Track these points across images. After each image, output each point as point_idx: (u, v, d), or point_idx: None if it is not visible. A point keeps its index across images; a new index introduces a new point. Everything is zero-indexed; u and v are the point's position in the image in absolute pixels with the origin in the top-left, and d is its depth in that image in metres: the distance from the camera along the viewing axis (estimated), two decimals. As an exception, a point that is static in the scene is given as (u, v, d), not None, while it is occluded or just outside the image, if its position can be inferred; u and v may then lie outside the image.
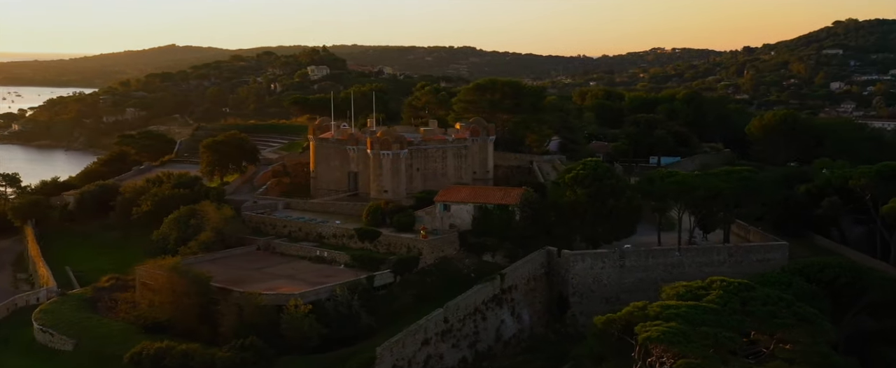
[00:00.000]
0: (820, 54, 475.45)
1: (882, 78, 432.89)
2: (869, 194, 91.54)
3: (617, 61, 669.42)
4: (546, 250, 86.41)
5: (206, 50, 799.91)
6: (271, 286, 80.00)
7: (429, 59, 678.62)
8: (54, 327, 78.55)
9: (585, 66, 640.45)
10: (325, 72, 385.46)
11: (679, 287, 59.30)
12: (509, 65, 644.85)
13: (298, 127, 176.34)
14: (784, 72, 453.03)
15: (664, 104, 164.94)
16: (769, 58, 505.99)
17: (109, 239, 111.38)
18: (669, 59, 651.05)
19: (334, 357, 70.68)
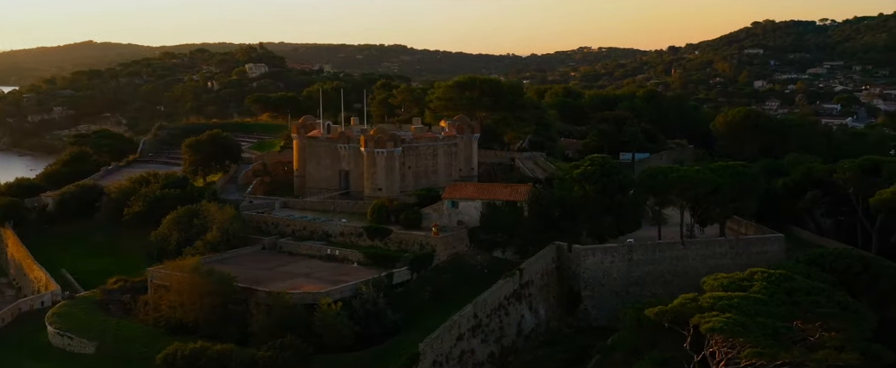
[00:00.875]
0: (742, 54, 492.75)
1: (801, 77, 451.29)
2: (852, 187, 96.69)
3: (546, 60, 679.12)
4: (556, 245, 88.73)
5: (127, 46, 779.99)
6: (292, 285, 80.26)
7: (359, 56, 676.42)
8: (72, 330, 77.43)
9: (516, 65, 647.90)
10: (263, 70, 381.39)
11: (722, 278, 62.08)
12: (441, 64, 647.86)
13: (265, 125, 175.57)
14: (709, 70, 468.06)
15: (625, 102, 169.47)
16: (694, 57, 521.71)
17: (97, 240, 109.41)
18: (596, 57, 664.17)
19: (369, 355, 71.53)
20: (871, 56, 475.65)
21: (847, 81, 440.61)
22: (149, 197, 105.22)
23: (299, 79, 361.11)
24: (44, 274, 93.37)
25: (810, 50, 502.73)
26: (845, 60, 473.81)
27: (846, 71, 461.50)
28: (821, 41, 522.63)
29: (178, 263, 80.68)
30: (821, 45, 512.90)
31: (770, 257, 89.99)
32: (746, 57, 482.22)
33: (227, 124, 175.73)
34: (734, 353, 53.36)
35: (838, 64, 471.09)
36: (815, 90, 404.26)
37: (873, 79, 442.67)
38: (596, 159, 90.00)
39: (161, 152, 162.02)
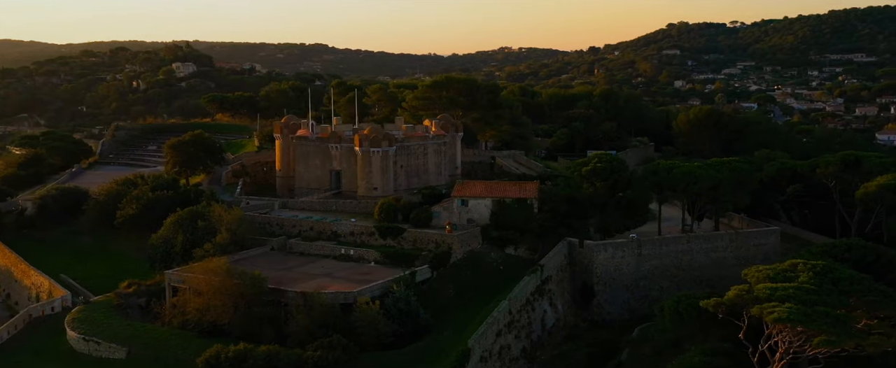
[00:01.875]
0: (661, 54, 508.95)
1: (717, 77, 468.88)
2: (833, 181, 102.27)
3: (467, 60, 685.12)
4: (567, 241, 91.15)
5: (29, 44, 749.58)
6: (318, 285, 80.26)
7: (280, 56, 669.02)
8: (98, 335, 75.76)
9: (438, 64, 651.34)
10: (191, 69, 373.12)
11: (765, 270, 65.19)
12: (363, 63, 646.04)
13: (227, 126, 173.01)
14: (631, 70, 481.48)
15: (583, 100, 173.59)
16: (614, 57, 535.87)
17: (84, 244, 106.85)
18: (518, 57, 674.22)
19: (411, 352, 72.15)
20: (780, 57, 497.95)
21: (760, 81, 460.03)
22: (141, 200, 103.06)
23: (230, 78, 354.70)
24: (46, 280, 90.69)
25: (723, 51, 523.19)
26: (756, 61, 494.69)
27: (758, 71, 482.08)
28: (732, 42, 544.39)
29: (203, 265, 79.64)
30: (733, 46, 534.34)
31: (767, 249, 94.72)
32: (665, 57, 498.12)
33: (187, 125, 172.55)
34: (798, 342, 56.10)
35: (750, 64, 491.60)
36: (733, 89, 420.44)
37: (783, 79, 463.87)
38: (603, 156, 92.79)
39: (122, 153, 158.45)
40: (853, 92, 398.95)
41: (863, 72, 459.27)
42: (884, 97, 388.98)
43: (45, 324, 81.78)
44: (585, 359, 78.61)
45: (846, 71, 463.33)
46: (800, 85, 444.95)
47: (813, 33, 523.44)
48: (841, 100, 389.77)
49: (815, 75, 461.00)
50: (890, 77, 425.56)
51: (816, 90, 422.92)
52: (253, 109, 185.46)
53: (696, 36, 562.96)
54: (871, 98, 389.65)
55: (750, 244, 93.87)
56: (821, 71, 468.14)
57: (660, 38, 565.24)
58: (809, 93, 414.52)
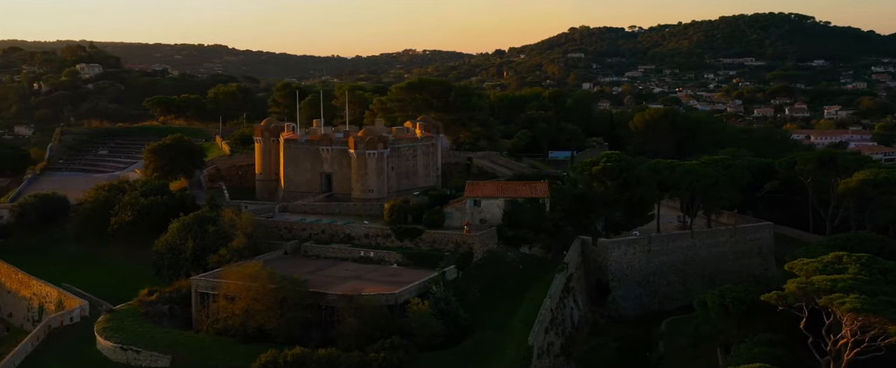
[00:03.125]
0: (566, 57, 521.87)
1: (621, 79, 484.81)
2: (810, 177, 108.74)
3: (371, 61, 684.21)
4: (581, 240, 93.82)
5: None
6: (352, 287, 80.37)
7: (178, 57, 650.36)
8: (136, 344, 73.88)
9: (341, 66, 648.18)
10: (97, 70, 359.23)
11: (811, 262, 68.93)
12: (266, 65, 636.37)
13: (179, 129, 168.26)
14: (540, 73, 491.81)
15: (533, 102, 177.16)
16: (521, 60, 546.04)
17: (71, 252, 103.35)
18: (422, 59, 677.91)
19: (464, 352, 73.06)
20: (677, 60, 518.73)
21: (662, 84, 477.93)
22: (135, 206, 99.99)
23: (142, 80, 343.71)
24: (54, 290, 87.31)
25: (625, 54, 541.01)
26: (656, 64, 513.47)
27: (659, 74, 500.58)
28: (633, 46, 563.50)
29: (239, 270, 78.36)
30: (633, 50, 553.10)
31: (762, 243, 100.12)
32: (571, 60, 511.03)
33: (134, 128, 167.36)
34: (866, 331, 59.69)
35: (651, 67, 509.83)
36: (639, 91, 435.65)
37: (683, 81, 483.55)
38: (612, 156, 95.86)
39: (72, 158, 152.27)
40: (750, 94, 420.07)
41: (754, 74, 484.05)
42: (777, 98, 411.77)
43: (67, 334, 79.04)
44: (617, 354, 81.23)
45: (739, 74, 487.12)
46: (698, 87, 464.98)
47: (706, 38, 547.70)
48: (740, 101, 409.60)
49: (712, 78, 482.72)
50: (779, 80, 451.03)
51: (715, 92, 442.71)
52: (200, 112, 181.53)
53: (598, 40, 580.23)
54: (766, 99, 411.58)
55: (746, 239, 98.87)
56: (716, 74, 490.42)
57: (563, 42, 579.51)
58: (709, 95, 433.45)
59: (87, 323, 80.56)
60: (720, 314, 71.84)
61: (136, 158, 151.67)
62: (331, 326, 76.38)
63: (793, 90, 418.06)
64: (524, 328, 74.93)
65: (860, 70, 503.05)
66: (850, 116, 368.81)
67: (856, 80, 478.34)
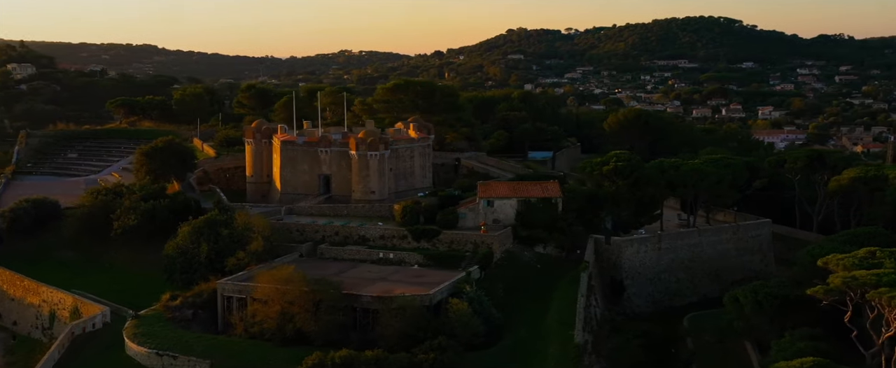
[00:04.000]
0: (506, 59, 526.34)
1: (561, 80, 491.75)
2: (798, 175, 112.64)
3: (306, 62, 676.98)
4: (594, 238, 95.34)
5: None
6: (382, 288, 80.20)
7: (106, 56, 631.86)
8: (171, 349, 72.26)
9: (279, 67, 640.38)
10: (30, 70, 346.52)
11: (845, 258, 71.28)
12: (198, 65, 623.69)
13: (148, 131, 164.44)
14: (481, 74, 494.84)
15: (504, 103, 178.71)
16: (461, 61, 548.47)
17: (69, 258, 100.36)
18: (359, 60, 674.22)
19: (504, 351, 73.52)
20: (614, 62, 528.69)
21: (601, 85, 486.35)
22: (138, 210, 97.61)
23: (80, 81, 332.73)
24: (69, 296, 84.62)
25: (563, 56, 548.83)
26: (594, 66, 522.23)
27: (597, 76, 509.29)
28: (570, 48, 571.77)
29: (271, 274, 77.34)
30: (571, 52, 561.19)
31: (762, 241, 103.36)
32: (511, 62, 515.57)
33: (102, 131, 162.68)
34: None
35: (589, 69, 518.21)
36: (580, 93, 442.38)
37: (621, 83, 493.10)
38: (623, 155, 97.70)
39: (41, 162, 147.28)
40: (687, 95, 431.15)
41: (688, 76, 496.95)
42: (713, 99, 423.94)
43: (91, 341, 76.94)
44: (643, 350, 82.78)
45: (674, 75, 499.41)
46: (636, 88, 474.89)
47: (641, 40, 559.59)
48: (678, 102, 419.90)
49: (649, 79, 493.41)
50: (712, 81, 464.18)
51: (653, 93, 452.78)
52: (166, 114, 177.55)
53: (536, 42, 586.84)
54: (702, 100, 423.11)
55: (748, 236, 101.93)
56: (652, 75, 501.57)
57: (501, 44, 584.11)
58: (648, 96, 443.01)
59: (110, 330, 78.61)
60: (754, 309, 73.90)
61: (108, 161, 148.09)
62: (366, 328, 76.15)
63: (727, 91, 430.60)
64: (562, 327, 75.86)
65: (787, 72, 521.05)
66: (783, 116, 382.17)
67: (783, 82, 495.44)
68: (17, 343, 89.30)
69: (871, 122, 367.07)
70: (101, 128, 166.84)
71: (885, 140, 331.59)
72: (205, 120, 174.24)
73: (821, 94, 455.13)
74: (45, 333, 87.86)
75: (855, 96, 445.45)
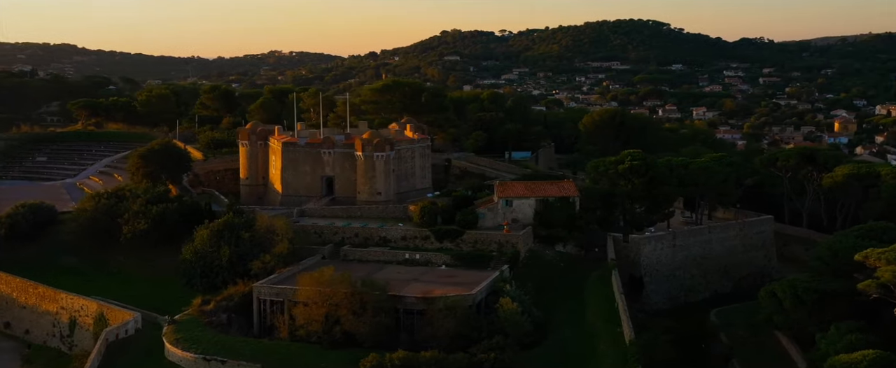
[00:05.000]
0: (443, 60, 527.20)
1: (498, 82, 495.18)
2: (789, 173, 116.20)
3: (235, 63, 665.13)
4: (611, 236, 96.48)
5: None
6: (421, 289, 79.76)
7: (21, 56, 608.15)
8: (219, 353, 70.57)
9: (209, 68, 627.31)
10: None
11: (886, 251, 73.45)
12: (121, 65, 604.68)
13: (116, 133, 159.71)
14: (418, 75, 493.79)
15: (474, 103, 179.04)
16: (396, 62, 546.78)
17: (73, 264, 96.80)
18: (290, 61, 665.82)
19: (555, 349, 73.92)
20: (549, 64, 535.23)
21: (538, 86, 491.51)
22: (148, 214, 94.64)
23: (10, 81, 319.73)
24: (93, 303, 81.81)
25: (499, 58, 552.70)
26: (530, 67, 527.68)
27: (533, 77, 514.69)
28: (505, 50, 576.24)
29: (313, 276, 75.90)
30: (506, 53, 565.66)
31: (765, 237, 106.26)
32: (448, 63, 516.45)
33: (70, 133, 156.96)
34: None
35: (525, 70, 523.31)
36: (518, 94, 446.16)
37: (557, 84, 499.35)
38: (637, 154, 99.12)
39: (9, 166, 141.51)
40: (623, 96, 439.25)
41: (622, 77, 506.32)
42: (649, 100, 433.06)
43: (125, 348, 74.54)
44: (671, 346, 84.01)
45: (608, 77, 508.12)
46: (573, 89, 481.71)
47: (574, 42, 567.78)
48: (614, 103, 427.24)
49: (584, 80, 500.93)
50: (645, 83, 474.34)
51: (589, 94, 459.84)
52: (130, 116, 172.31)
53: (471, 43, 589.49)
54: (638, 101, 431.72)
55: (753, 232, 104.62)
56: (587, 76, 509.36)
57: (436, 45, 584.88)
58: (585, 97, 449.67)
59: (142, 336, 76.21)
60: (793, 304, 75.83)
61: (82, 164, 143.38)
62: (410, 329, 75.70)
63: (662, 92, 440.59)
64: (608, 325, 76.73)
65: (714, 74, 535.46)
66: (717, 117, 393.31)
67: (712, 83, 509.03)
68: (32, 353, 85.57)
69: (800, 122, 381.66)
70: (68, 130, 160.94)
71: (814, 139, 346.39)
72: (171, 122, 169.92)
73: (748, 95, 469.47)
74: (64, 341, 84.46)
75: (780, 97, 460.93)
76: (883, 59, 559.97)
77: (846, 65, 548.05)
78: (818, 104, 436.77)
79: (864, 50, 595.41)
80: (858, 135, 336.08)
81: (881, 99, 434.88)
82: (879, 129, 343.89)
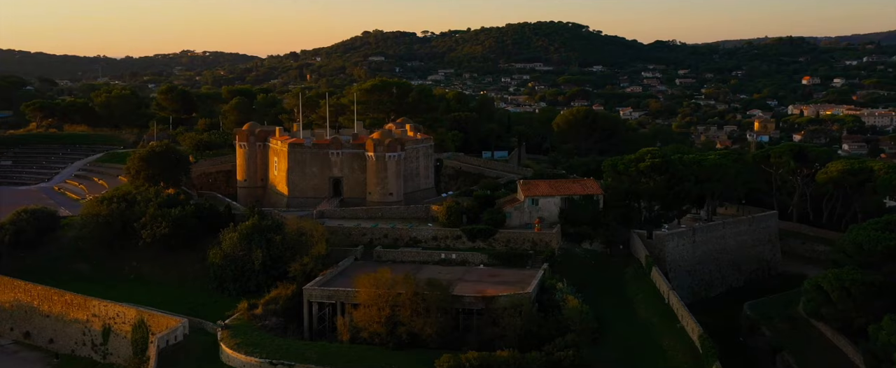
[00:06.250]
0: (368, 60, 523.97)
1: (425, 82, 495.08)
2: (781, 169, 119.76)
3: (145, 63, 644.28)
4: (635, 233, 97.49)
5: None
6: (474, 289, 79.05)
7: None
8: (285, 358, 68.74)
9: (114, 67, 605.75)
10: None
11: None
12: (22, 65, 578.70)
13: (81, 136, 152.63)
14: (344, 76, 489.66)
15: (441, 103, 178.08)
16: (319, 63, 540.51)
17: (85, 271, 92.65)
18: (204, 61, 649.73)
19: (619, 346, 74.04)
20: (474, 64, 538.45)
21: (465, 87, 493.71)
22: (168, 218, 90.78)
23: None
24: (131, 309, 78.12)
25: (423, 58, 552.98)
26: (455, 68, 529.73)
27: (459, 78, 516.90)
28: (429, 51, 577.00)
29: (373, 277, 74.33)
30: (431, 54, 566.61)
31: (770, 230, 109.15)
32: (374, 64, 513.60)
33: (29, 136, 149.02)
34: None
35: (451, 71, 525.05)
36: (485, 95, 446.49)
37: (484, 85, 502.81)
38: (657, 152, 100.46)
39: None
40: (551, 97, 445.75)
41: (546, 78, 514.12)
42: (576, 101, 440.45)
43: (177, 355, 71.68)
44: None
45: (533, 78, 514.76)
46: (499, 89, 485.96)
47: (497, 44, 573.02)
48: (543, 103, 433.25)
49: (510, 81, 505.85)
50: (570, 84, 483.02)
51: (517, 95, 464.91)
52: (89, 117, 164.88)
53: (394, 44, 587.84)
54: (566, 101, 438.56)
55: (759, 227, 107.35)
56: (512, 77, 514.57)
57: (359, 45, 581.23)
58: (513, 98, 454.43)
59: (191, 341, 73.18)
60: (841, 296, 77.97)
61: (52, 168, 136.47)
62: (468, 328, 75.10)
63: (589, 93, 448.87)
64: (664, 320, 77.64)
65: (633, 75, 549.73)
66: (644, 117, 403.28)
67: (632, 84, 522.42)
68: (62, 363, 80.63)
69: (722, 121, 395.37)
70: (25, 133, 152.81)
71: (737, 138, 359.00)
72: (131, 123, 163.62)
73: (668, 96, 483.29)
74: (96, 350, 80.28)
75: (698, 97, 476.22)
76: (787, 62, 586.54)
77: (754, 67, 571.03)
78: (734, 104, 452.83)
79: (769, 53, 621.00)
80: (778, 134, 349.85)
81: (790, 99, 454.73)
82: (796, 127, 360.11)
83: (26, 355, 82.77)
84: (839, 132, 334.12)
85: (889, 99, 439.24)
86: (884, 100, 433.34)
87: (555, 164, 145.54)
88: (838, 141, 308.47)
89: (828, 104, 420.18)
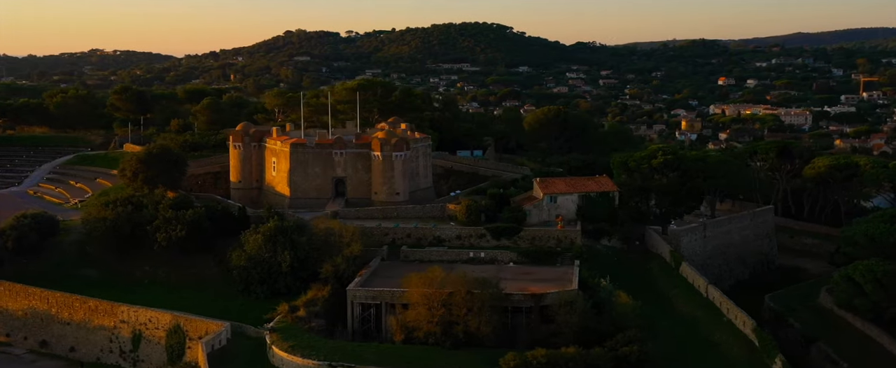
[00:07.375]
0: (294, 60, 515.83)
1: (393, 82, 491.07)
2: (768, 165, 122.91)
3: (51, 61, 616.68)
4: (650, 229, 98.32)
5: None
6: (518, 287, 78.27)
7: None
8: (344, 360, 66.55)
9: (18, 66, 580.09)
10: None
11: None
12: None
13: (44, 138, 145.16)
14: (270, 76, 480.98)
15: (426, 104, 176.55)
16: (241, 63, 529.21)
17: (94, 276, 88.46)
18: (115, 61, 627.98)
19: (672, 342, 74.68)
20: (402, 65, 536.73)
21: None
22: (181, 220, 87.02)
23: None
24: (165, 314, 74.63)
25: (349, 59, 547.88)
26: (383, 68, 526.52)
27: (387, 78, 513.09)
28: (354, 51, 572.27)
29: (424, 277, 72.67)
30: (357, 54, 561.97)
31: (767, 225, 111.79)
32: (300, 64, 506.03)
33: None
34: None
35: (378, 71, 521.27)
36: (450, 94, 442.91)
37: (413, 85, 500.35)
38: (668, 149, 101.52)
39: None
40: (483, 97, 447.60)
41: (474, 79, 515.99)
42: (508, 101, 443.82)
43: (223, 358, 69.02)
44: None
45: (461, 78, 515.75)
46: (429, 90, 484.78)
47: (423, 44, 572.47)
48: (476, 104, 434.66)
49: (439, 81, 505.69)
50: (498, 84, 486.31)
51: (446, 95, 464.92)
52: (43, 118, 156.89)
53: (318, 44, 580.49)
54: (498, 102, 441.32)
55: (759, 221, 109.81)
56: (440, 78, 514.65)
57: (282, 45, 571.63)
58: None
59: (234, 346, 70.51)
60: (874, 287, 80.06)
61: (19, 172, 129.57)
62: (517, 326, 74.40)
63: (520, 93, 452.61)
64: (709, 314, 78.52)
65: (558, 76, 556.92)
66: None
67: (558, 85, 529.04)
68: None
69: (651, 121, 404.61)
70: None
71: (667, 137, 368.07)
72: (87, 124, 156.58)
73: (594, 96, 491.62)
74: (125, 357, 76.53)
75: (623, 98, 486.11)
76: (701, 63, 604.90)
77: (672, 68, 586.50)
78: (658, 104, 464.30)
79: (684, 54, 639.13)
80: (708, 132, 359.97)
81: (710, 99, 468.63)
82: (721, 127, 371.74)
83: (47, 364, 78.10)
84: (761, 130, 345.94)
85: (801, 99, 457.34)
86: (796, 100, 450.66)
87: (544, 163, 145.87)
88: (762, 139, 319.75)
89: (745, 104, 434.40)
